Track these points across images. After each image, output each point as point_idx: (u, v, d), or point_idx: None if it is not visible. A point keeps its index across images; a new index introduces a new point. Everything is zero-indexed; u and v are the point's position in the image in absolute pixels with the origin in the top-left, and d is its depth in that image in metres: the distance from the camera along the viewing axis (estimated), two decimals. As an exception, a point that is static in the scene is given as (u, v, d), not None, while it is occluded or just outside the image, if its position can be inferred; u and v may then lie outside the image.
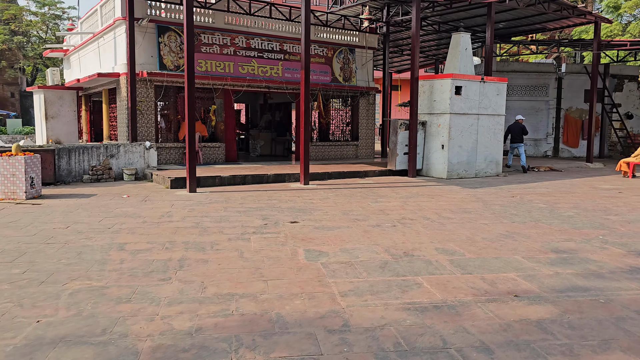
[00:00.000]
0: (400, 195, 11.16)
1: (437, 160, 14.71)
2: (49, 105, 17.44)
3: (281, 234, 7.30)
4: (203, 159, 15.81)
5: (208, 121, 16.13)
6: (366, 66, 19.24)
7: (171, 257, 6.04)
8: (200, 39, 15.44)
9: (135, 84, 14.31)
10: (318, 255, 6.19)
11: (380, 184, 13.13)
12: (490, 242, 6.94)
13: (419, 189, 12.39)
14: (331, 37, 18.33)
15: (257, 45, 16.54)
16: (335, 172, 14.11)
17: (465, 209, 9.53)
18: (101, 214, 8.66)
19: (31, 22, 43.22)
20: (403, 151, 14.79)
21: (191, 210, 9.09)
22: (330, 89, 17.94)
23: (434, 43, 25.03)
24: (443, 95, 14.42)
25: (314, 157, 18.18)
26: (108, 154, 12.89)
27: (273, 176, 13.09)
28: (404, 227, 7.83)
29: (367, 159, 19.22)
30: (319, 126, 19.52)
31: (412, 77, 14.56)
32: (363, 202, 10.16)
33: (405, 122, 14.74)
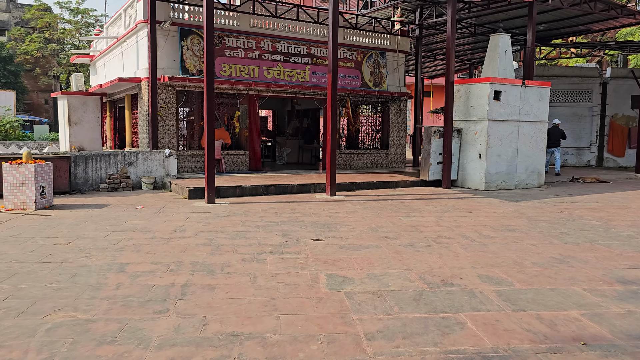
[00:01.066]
0: (435, 209, 10.23)
1: (473, 170, 13.71)
2: (73, 111, 17.13)
3: (301, 254, 6.51)
4: (226, 167, 15.18)
5: (232, 128, 15.51)
6: (397, 71, 18.37)
7: (174, 281, 5.30)
8: (224, 43, 14.85)
9: (156, 89, 13.79)
10: (342, 282, 5.36)
11: (412, 196, 12.22)
12: (542, 269, 5.98)
13: (455, 201, 11.43)
14: (361, 41, 17.53)
15: (283, 48, 15.87)
16: (364, 183, 13.26)
17: (508, 226, 8.55)
18: (109, 227, 8.02)
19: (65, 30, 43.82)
20: (437, 160, 13.84)
21: (206, 224, 8.39)
22: (359, 94, 17.13)
23: (469, 47, 23.97)
24: (480, 100, 13.43)
25: (342, 166, 17.36)
26: (126, 161, 12.35)
27: (297, 186, 12.32)
28: (440, 248, 6.94)
29: (397, 168, 18.30)
30: (348, 133, 18.71)
31: (447, 81, 13.62)
32: (394, 217, 9.28)
33: (439, 130, 13.80)
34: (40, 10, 44.35)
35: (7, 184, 9.35)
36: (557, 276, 5.68)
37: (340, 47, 16.82)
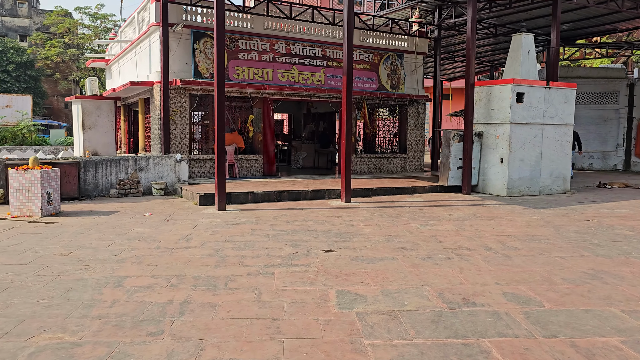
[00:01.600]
0: (455, 217, 9.74)
1: (495, 175, 13.15)
2: (86, 115, 17.00)
3: (312, 267, 6.09)
4: (239, 172, 14.85)
5: (245, 132, 15.18)
6: (415, 73, 17.88)
7: (173, 298, 4.94)
8: (238, 45, 14.55)
9: (168, 93, 13.53)
10: (353, 300, 4.94)
11: (431, 202, 11.73)
12: (573, 286, 5.47)
13: (476, 208, 10.91)
14: (378, 42, 17.09)
15: (298, 51, 15.51)
16: (381, 188, 12.80)
17: (534, 237, 8.03)
18: (114, 236, 7.71)
19: (84, 35, 44.20)
20: (456, 165, 13.32)
21: (214, 232, 8.03)
22: (376, 97, 16.69)
23: (489, 48, 23.37)
24: (502, 103, 12.89)
25: (358, 171, 16.93)
26: (137, 167, 12.09)
27: (311, 192, 11.92)
28: (461, 261, 6.46)
29: (415, 172, 17.79)
30: (364, 137, 18.26)
31: (467, 82, 13.11)
32: (411, 225, 8.82)
33: (459, 133, 13.28)
34: (61, 15, 44.83)
35: (13, 190, 9.12)
36: (590, 295, 5.17)
37: (357, 48, 16.42)
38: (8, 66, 39.39)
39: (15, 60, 39.74)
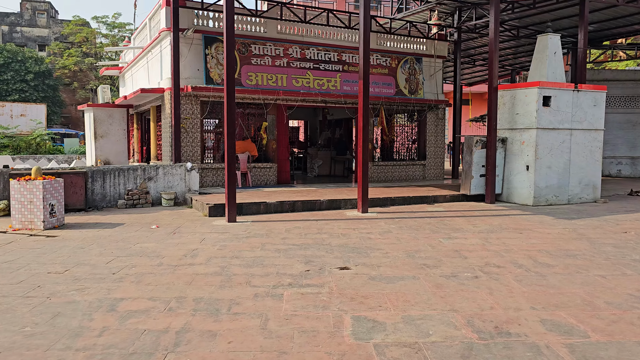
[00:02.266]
0: (479, 229, 9.10)
1: (520, 183, 12.47)
2: (98, 124, 16.73)
3: (325, 287, 5.54)
4: (253, 181, 14.39)
5: (259, 139, 14.73)
6: (435, 77, 17.28)
7: (170, 325, 4.43)
8: (251, 50, 14.13)
9: (179, 100, 13.15)
10: (371, 328, 4.38)
11: (453, 213, 11.10)
12: (620, 311, 4.84)
13: (501, 219, 10.25)
14: (395, 46, 16.55)
15: (313, 55, 15.03)
16: (399, 198, 12.21)
17: (568, 251, 7.37)
18: (115, 251, 7.26)
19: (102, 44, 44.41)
20: (479, 173, 12.67)
21: (222, 247, 7.53)
22: (394, 102, 16.11)
23: (511, 51, 22.62)
24: (528, 107, 12.22)
25: (376, 179, 16.35)
26: (145, 176, 11.69)
27: (327, 202, 11.38)
28: (489, 280, 5.85)
29: (435, 180, 17.14)
30: (382, 144, 17.69)
31: (490, 86, 12.48)
32: (433, 239, 8.22)
33: (482, 139, 12.64)
34: (78, 25, 45.15)
35: (14, 202, 8.75)
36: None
37: (373, 52, 15.90)
38: (27, 75, 39.65)
39: (33, 70, 39.99)
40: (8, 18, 46.38)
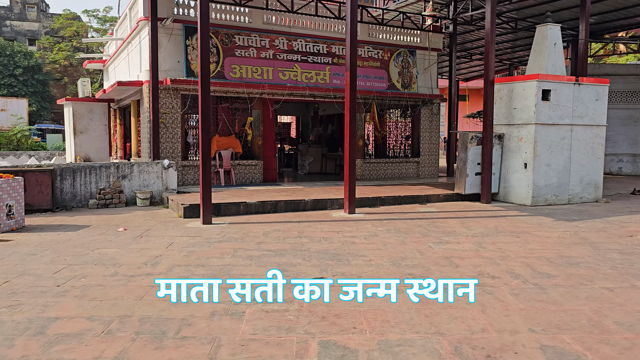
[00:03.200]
0: (473, 232, 8.41)
1: (518, 182, 11.79)
2: (78, 119, 15.99)
3: (294, 304, 4.86)
4: (237, 179, 13.68)
5: (244, 135, 14.01)
6: (429, 70, 16.56)
7: (102, 354, 3.74)
8: (234, 41, 13.40)
9: (157, 93, 12.42)
10: (340, 357, 3.69)
11: (446, 214, 10.41)
12: (633, 334, 4.16)
13: (497, 221, 9.57)
14: (388, 38, 15.83)
15: (301, 47, 14.31)
16: (390, 197, 11.51)
17: (570, 258, 6.69)
18: (70, 258, 6.55)
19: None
20: (474, 171, 11.99)
21: (189, 254, 6.83)
22: (386, 96, 15.40)
23: (509, 45, 21.92)
24: (526, 101, 11.53)
25: (367, 177, 15.65)
26: (119, 174, 10.97)
27: (312, 202, 10.68)
28: (482, 294, 5.17)
29: (429, 178, 16.45)
30: (374, 140, 16.98)
31: (486, 79, 11.78)
32: (422, 243, 7.53)
33: (477, 136, 11.95)
34: (69, 19, 44.29)
35: (-32, 202, 8.03)
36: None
37: (365, 44, 15.18)
38: (15, 70, 38.81)
39: (22, 65, 39.16)
40: (-3, 11, 45.46)
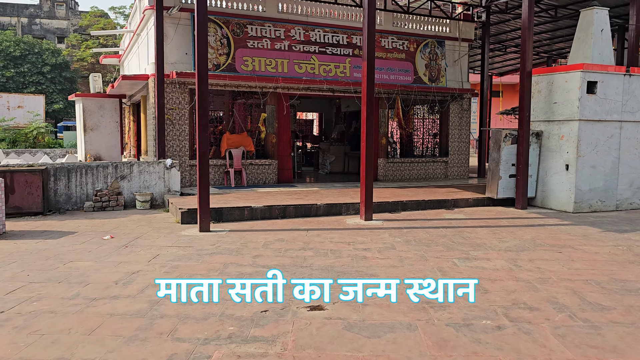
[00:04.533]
0: (506, 245, 7.25)
1: (558, 185, 10.51)
2: (88, 115, 15.36)
3: (277, 344, 3.86)
4: (249, 180, 12.76)
5: (257, 133, 13.08)
6: (459, 63, 15.31)
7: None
8: (246, 32, 12.47)
9: (163, 88, 11.59)
10: None
11: (475, 221, 9.24)
12: None
13: (535, 231, 8.35)
14: (414, 27, 14.65)
15: (319, 38, 13.28)
16: (413, 202, 10.39)
17: (626, 283, 5.49)
18: (34, 273, 5.70)
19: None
20: (508, 173, 10.76)
21: (171, 270, 5.90)
22: (412, 91, 14.24)
23: (547, 36, 20.37)
24: (568, 94, 10.24)
25: (391, 178, 14.53)
26: (118, 175, 10.17)
27: (324, 207, 9.65)
28: (518, 334, 4.06)
29: (459, 179, 15.22)
30: (399, 139, 15.84)
31: (522, 70, 10.53)
32: (445, 259, 6.42)
33: (512, 133, 10.71)
34: (96, 16, 44.34)
35: (-58, 206, 7.31)
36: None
37: (388, 34, 14.06)
38: (43, 68, 38.98)
39: (50, 62, 39.30)
40: (27, 10, 45.91)
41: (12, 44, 38.74)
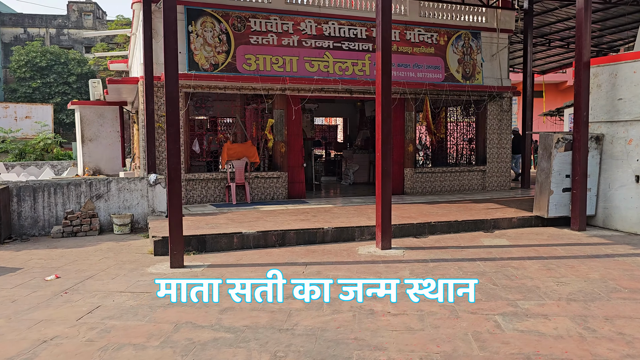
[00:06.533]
0: (568, 291, 5.34)
1: (625, 202, 8.48)
2: (86, 125, 14.10)
3: None
4: (254, 195, 11.15)
5: (264, 141, 11.47)
6: (497, 57, 13.34)
7: None
8: (249, 26, 10.89)
9: (152, 92, 10.11)
10: None
11: (522, 250, 7.33)
12: None
13: (603, 265, 6.39)
14: (445, 17, 12.79)
15: (333, 31, 11.58)
16: (443, 223, 8.53)
17: None
18: None
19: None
20: (561, 186, 8.78)
21: (99, 336, 4.28)
22: (442, 90, 12.37)
23: (597, 27, 18.10)
24: (636, 88, 8.22)
25: (419, 190, 12.65)
26: (93, 194, 8.70)
27: (333, 232, 7.91)
28: None
29: (499, 191, 13.23)
30: (430, 144, 13.97)
31: (578, 60, 8.56)
32: (484, 316, 4.59)
33: (566, 138, 8.74)
34: (121, 25, 43.88)
35: None
36: None
37: (415, 26, 12.25)
38: (69, 78, 38.64)
39: (76, 72, 38.95)
40: (55, 20, 45.90)
41: (39, 54, 38.59)
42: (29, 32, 44.98)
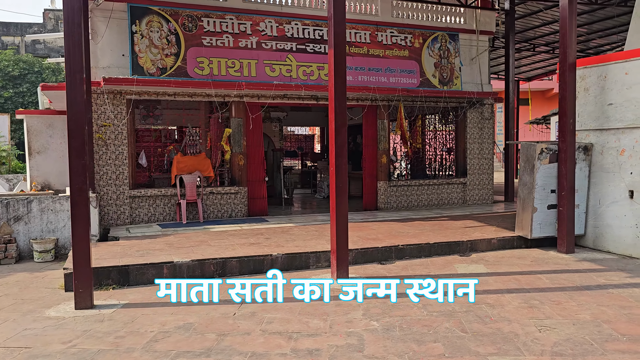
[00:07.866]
0: (554, 340, 4.29)
1: (618, 220, 7.49)
2: (33, 135, 12.87)
3: None
4: (210, 213, 10.04)
5: (220, 153, 10.39)
6: (477, 60, 12.39)
7: None
8: (202, 26, 9.85)
9: (90, 99, 9.01)
10: None
11: (501, 280, 6.28)
12: None
13: (594, 300, 5.35)
14: (420, 18, 11.84)
15: (297, 32, 10.57)
16: (412, 247, 7.47)
17: None
18: None
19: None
20: (546, 202, 7.78)
21: None
22: (417, 96, 11.39)
23: (583, 30, 17.27)
24: (630, 92, 7.26)
25: (394, 205, 11.63)
26: (10, 215, 7.55)
27: (283, 259, 6.82)
28: None
29: (480, 205, 12.23)
30: (406, 155, 12.97)
31: (563, 61, 7.59)
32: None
33: (550, 148, 7.75)
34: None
35: None
36: None
37: (387, 27, 11.29)
38: (43, 87, 37.40)
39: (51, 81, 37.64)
40: (31, 28, 44.58)
41: (11, 63, 37.28)
42: (3, 40, 43.62)
